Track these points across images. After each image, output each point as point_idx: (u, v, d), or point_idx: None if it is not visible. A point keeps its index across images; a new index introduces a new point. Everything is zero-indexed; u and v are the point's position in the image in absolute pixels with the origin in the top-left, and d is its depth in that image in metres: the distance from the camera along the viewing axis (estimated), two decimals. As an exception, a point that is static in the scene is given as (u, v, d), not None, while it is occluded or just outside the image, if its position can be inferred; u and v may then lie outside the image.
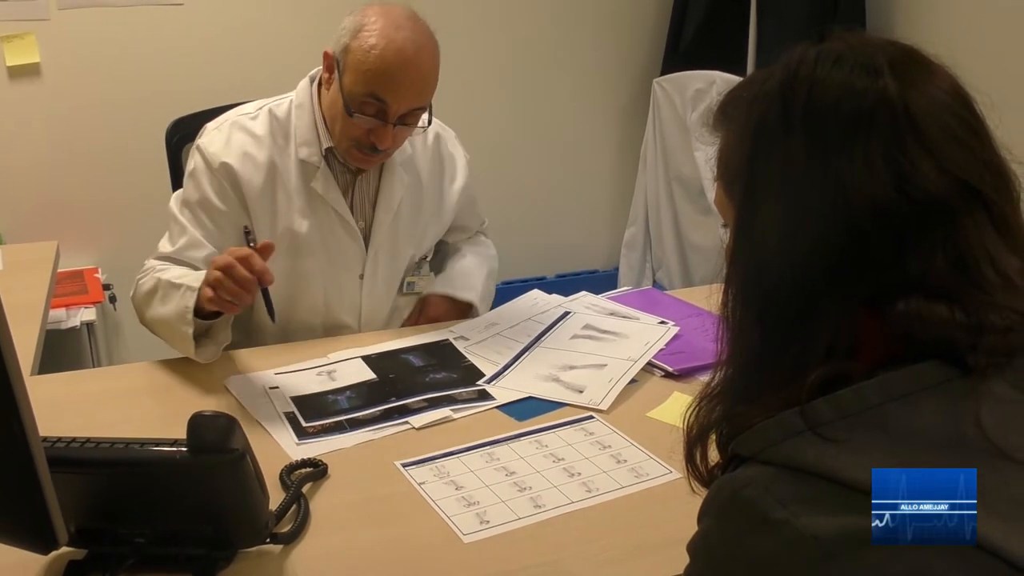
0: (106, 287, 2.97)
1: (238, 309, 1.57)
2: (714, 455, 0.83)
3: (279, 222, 1.77)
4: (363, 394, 1.59)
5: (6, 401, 0.80)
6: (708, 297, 0.84)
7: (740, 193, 0.78)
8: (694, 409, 0.83)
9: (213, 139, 1.76)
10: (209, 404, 1.53)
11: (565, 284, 3.34)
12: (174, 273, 1.67)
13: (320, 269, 1.81)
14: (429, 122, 1.74)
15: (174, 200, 1.80)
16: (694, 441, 0.82)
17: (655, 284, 3.56)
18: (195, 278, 1.61)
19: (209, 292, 1.54)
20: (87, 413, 1.55)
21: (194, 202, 1.76)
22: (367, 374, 1.65)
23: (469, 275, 1.95)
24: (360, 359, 1.70)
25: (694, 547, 0.76)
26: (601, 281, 3.63)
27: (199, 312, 1.58)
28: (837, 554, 0.65)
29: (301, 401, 1.55)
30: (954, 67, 0.77)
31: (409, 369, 1.68)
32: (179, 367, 1.73)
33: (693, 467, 0.83)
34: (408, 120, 1.69)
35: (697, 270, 3.42)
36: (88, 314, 2.77)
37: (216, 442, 1.01)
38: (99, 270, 3.03)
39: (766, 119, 0.76)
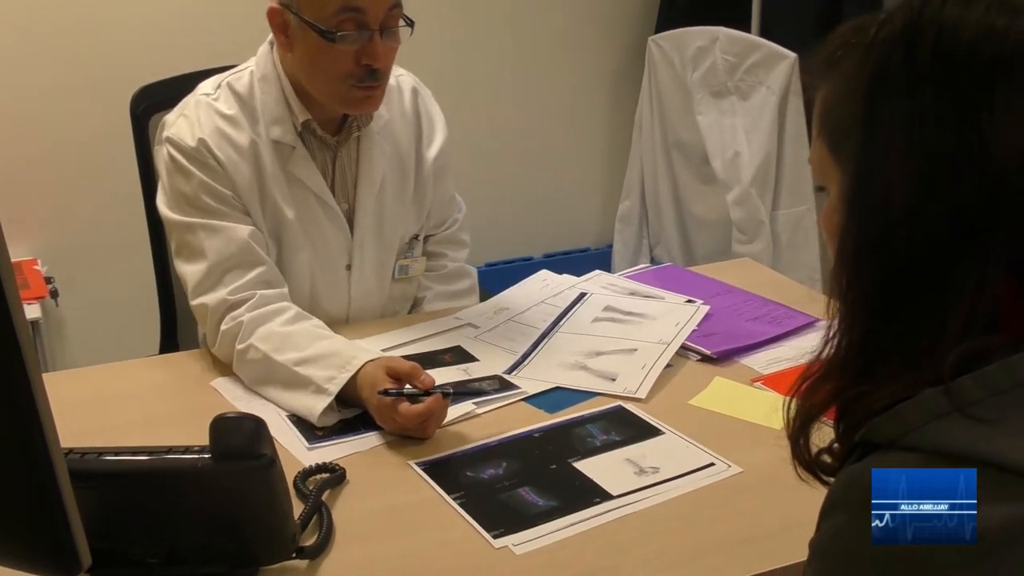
0: (48, 280, 2.90)
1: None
2: (816, 439, 0.82)
3: (267, 209, 1.71)
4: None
5: (29, 417, 0.77)
6: (740, 270, 0.82)
7: (855, 151, 0.77)
8: (797, 391, 0.82)
9: (180, 127, 1.68)
10: (198, 407, 1.50)
11: (554, 265, 3.27)
12: (290, 351, 1.57)
13: (306, 262, 1.75)
14: (412, 26, 1.69)
15: (168, 208, 1.70)
16: (800, 426, 0.81)
17: (653, 261, 3.55)
18: (325, 378, 1.51)
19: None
20: (61, 422, 1.50)
21: (193, 194, 1.66)
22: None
23: None
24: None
25: (821, 546, 0.75)
26: (593, 260, 3.61)
27: None
28: (1003, 546, 0.65)
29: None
30: None
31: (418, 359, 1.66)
32: (155, 368, 1.70)
33: (799, 453, 0.82)
34: (390, 24, 1.66)
35: (700, 245, 3.42)
36: (32, 311, 2.70)
37: (243, 447, 0.99)
38: (39, 261, 2.95)
39: (886, 68, 0.75)
